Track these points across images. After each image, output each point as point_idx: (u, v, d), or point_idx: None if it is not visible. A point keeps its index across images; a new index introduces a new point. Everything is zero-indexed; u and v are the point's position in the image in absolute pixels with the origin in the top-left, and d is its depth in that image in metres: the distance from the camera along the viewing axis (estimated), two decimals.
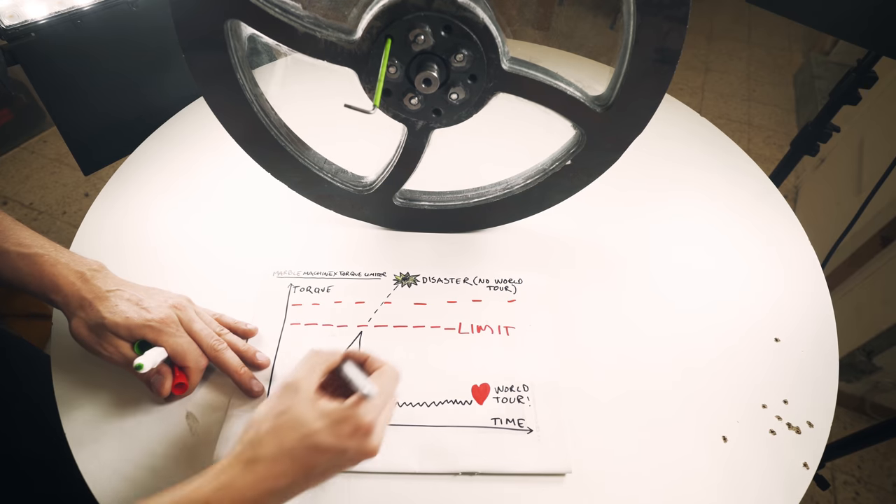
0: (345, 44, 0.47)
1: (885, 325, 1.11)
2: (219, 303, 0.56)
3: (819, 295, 0.62)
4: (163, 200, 0.69)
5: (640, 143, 0.54)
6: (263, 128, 0.56)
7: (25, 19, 0.66)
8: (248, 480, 0.35)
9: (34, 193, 1.65)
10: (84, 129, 0.79)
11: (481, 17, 0.44)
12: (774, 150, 1.96)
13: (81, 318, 0.46)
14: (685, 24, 0.44)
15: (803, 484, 0.47)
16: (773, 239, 0.68)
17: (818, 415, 0.51)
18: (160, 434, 0.47)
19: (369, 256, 0.63)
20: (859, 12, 0.73)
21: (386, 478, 0.46)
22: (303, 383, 0.39)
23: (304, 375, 0.39)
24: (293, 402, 0.38)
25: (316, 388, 0.39)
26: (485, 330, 0.56)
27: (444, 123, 0.52)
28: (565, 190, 0.61)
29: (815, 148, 0.97)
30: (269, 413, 0.38)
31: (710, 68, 2.36)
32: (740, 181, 0.76)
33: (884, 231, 1.13)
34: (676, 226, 0.70)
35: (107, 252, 0.61)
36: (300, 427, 0.36)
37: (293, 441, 0.36)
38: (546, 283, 0.61)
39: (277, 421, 0.37)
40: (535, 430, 0.48)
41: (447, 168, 0.64)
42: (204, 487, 0.35)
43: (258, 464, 0.36)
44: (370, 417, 0.38)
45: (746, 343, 0.57)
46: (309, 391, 0.38)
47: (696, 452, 0.48)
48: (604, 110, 0.51)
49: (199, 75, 0.51)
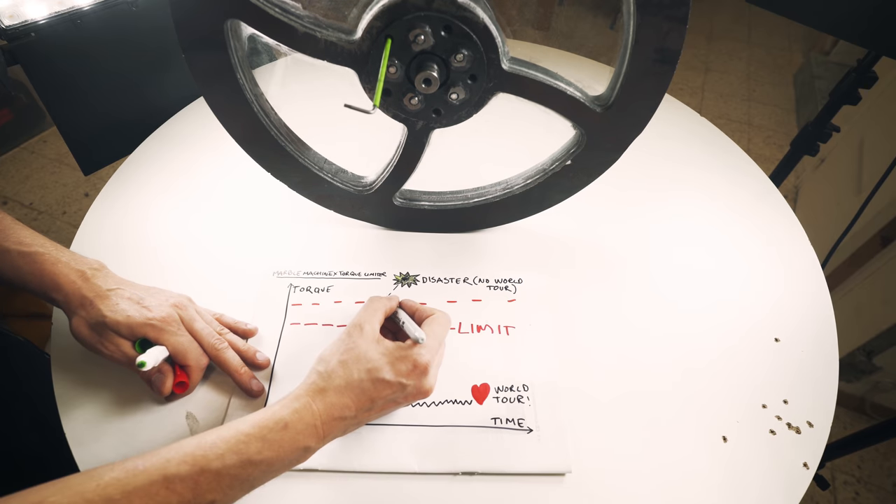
0: (345, 44, 0.47)
1: (885, 325, 1.11)
2: (219, 303, 0.56)
3: (819, 295, 0.62)
4: (163, 200, 0.69)
5: (640, 143, 0.54)
6: (263, 128, 0.56)
7: (25, 19, 0.67)
8: (320, 407, 0.39)
9: (34, 193, 1.65)
10: (84, 129, 0.79)
11: (481, 17, 0.44)
12: (774, 150, 1.96)
13: (82, 317, 0.46)
14: (685, 24, 0.44)
15: (803, 484, 0.47)
16: (773, 239, 0.68)
17: (818, 415, 0.51)
18: (160, 434, 0.47)
19: (369, 256, 0.63)
20: (859, 12, 0.73)
21: (386, 478, 0.46)
22: (366, 325, 0.44)
23: (367, 318, 0.45)
24: (359, 341, 0.42)
25: (378, 330, 0.44)
26: (485, 330, 0.56)
27: (444, 123, 0.52)
28: (565, 190, 0.61)
29: (815, 148, 0.97)
30: (338, 349, 0.42)
31: (710, 68, 2.36)
32: (740, 181, 0.76)
33: (884, 231, 1.13)
34: (676, 226, 0.70)
35: (107, 252, 0.61)
36: (365, 362, 0.41)
37: (359, 374, 0.41)
38: (546, 282, 0.61)
39: (345, 356, 0.42)
40: (535, 430, 0.48)
41: (447, 168, 0.64)
42: (281, 411, 0.39)
43: (328, 393, 0.40)
44: (426, 358, 0.42)
45: (746, 343, 0.57)
46: (373, 332, 0.43)
47: (696, 452, 0.48)
48: (604, 110, 0.51)
49: (199, 75, 0.51)
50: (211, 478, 0.34)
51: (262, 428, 0.37)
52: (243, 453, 0.36)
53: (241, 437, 0.36)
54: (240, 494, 0.37)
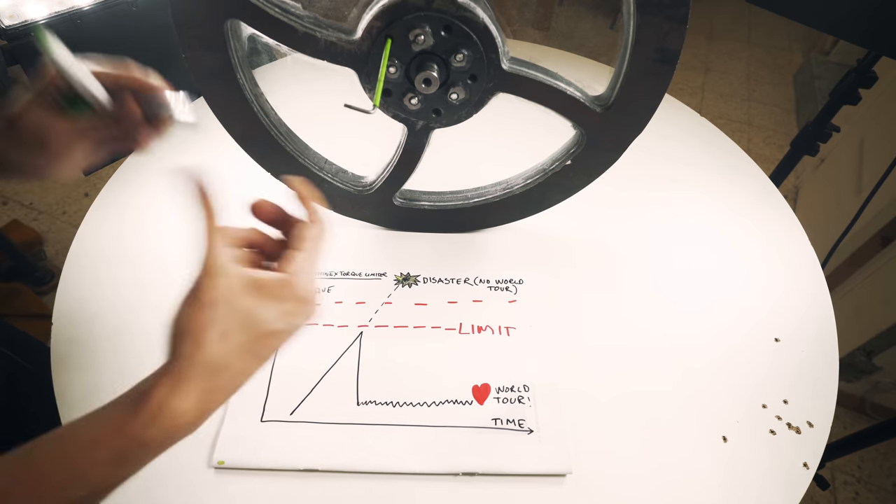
0: (345, 44, 0.47)
1: (885, 325, 1.11)
2: None
3: (819, 295, 0.62)
4: (163, 200, 0.69)
5: (640, 143, 0.54)
6: (263, 128, 0.56)
7: (25, 19, 0.67)
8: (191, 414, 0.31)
9: (34, 193, 1.65)
10: None
11: (481, 17, 0.44)
12: (774, 150, 1.96)
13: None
14: (685, 24, 0.44)
15: (803, 484, 0.47)
16: (773, 239, 0.68)
17: (818, 415, 0.51)
18: None
19: (370, 256, 0.63)
20: (859, 12, 0.73)
21: (386, 478, 0.45)
22: (228, 266, 0.32)
23: (222, 255, 0.33)
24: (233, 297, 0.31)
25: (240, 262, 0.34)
26: (485, 330, 0.56)
27: (444, 123, 0.52)
28: (565, 190, 0.61)
29: (815, 148, 0.97)
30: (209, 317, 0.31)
31: (710, 68, 2.36)
32: (740, 181, 0.76)
33: (884, 231, 1.13)
34: (676, 226, 0.70)
35: (107, 252, 0.61)
36: (250, 325, 0.32)
37: (249, 345, 0.32)
38: (546, 283, 0.61)
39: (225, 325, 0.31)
40: (535, 431, 0.48)
41: (447, 168, 0.64)
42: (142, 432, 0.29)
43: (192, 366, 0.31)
44: (309, 287, 0.34)
45: (746, 343, 0.57)
46: (239, 274, 0.32)
47: (696, 452, 0.48)
48: (604, 110, 0.51)
49: (199, 75, 0.51)
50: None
51: (115, 450, 0.29)
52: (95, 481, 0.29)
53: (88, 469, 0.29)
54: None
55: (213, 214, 0.35)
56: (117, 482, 0.30)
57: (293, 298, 0.34)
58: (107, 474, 0.29)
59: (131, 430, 0.29)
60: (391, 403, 0.50)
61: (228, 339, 0.31)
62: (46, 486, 0.28)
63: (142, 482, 0.44)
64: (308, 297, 0.34)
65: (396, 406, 0.49)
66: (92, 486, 0.29)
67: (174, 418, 0.30)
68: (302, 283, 0.34)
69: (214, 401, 0.32)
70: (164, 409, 0.30)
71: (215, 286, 0.32)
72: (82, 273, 0.60)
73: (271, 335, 0.33)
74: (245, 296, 0.32)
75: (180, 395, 0.30)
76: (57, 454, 0.29)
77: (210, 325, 0.31)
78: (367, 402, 0.50)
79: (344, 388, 0.50)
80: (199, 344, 0.31)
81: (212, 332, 0.31)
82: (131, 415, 0.30)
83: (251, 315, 0.32)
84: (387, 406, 0.49)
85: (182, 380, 0.30)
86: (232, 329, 0.31)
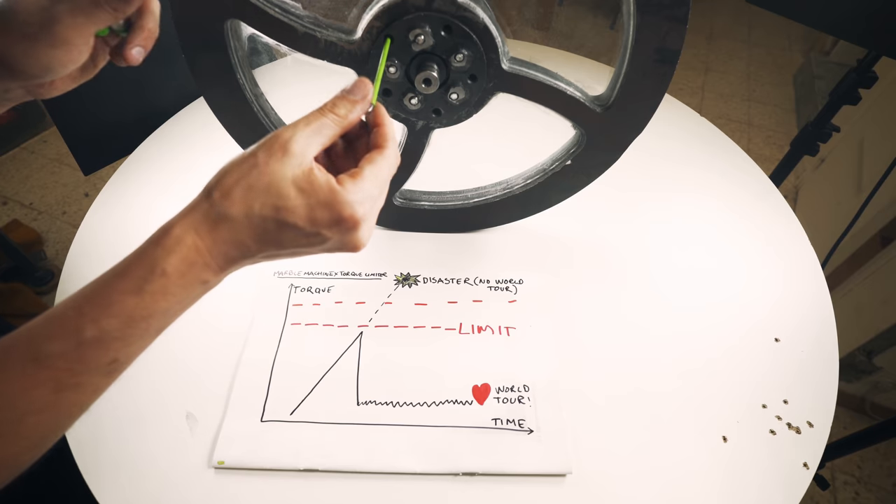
0: (345, 44, 0.47)
1: (885, 325, 1.11)
2: (219, 303, 0.56)
3: (819, 295, 0.62)
4: (163, 200, 0.69)
5: (640, 143, 0.54)
6: (263, 128, 0.56)
7: None
8: (207, 243, 0.31)
9: (34, 193, 1.65)
10: (84, 129, 0.79)
11: (481, 16, 0.44)
12: (774, 150, 1.96)
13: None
14: (685, 24, 0.44)
15: (803, 484, 0.47)
16: (773, 239, 0.68)
17: (818, 415, 0.51)
18: (160, 434, 0.47)
19: (370, 256, 0.63)
20: (859, 12, 0.73)
21: (386, 478, 0.45)
22: (295, 144, 0.32)
23: (303, 135, 0.32)
24: (274, 165, 0.31)
25: (312, 155, 0.32)
26: (485, 330, 0.56)
27: (444, 123, 0.52)
28: (565, 190, 0.61)
29: (815, 148, 0.97)
30: (246, 165, 0.32)
31: (710, 68, 2.36)
32: (740, 181, 0.76)
33: (884, 231, 1.13)
34: (676, 226, 0.70)
35: (107, 252, 0.61)
36: (274, 197, 0.31)
37: (262, 210, 0.31)
38: (547, 283, 0.61)
39: (251, 180, 0.31)
40: (535, 431, 0.48)
41: (447, 168, 0.64)
42: (156, 254, 0.31)
43: (219, 227, 0.31)
44: (358, 211, 0.32)
45: (746, 343, 0.57)
46: (301, 155, 0.32)
47: (696, 452, 0.48)
48: (604, 110, 0.51)
49: (199, 75, 0.51)
50: (94, 346, 0.29)
51: (137, 279, 0.30)
52: (123, 314, 0.30)
53: (115, 298, 0.30)
54: (141, 346, 0.32)
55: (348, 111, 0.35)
56: (137, 323, 0.30)
57: (339, 240, 0.33)
58: (132, 305, 0.30)
59: (151, 257, 0.31)
60: (391, 403, 0.50)
61: (253, 223, 0.31)
62: (84, 317, 0.29)
63: (142, 482, 0.44)
64: (356, 246, 0.34)
65: (396, 406, 0.49)
66: (120, 316, 0.29)
67: (190, 252, 0.31)
68: (357, 236, 0.33)
69: (230, 255, 0.32)
70: (182, 241, 0.31)
71: (274, 168, 0.31)
72: (82, 273, 0.60)
73: (293, 230, 0.32)
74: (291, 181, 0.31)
75: (198, 233, 0.31)
76: (89, 288, 0.30)
77: (246, 195, 0.31)
78: (367, 402, 0.50)
79: (344, 388, 0.51)
80: (230, 202, 0.31)
81: (244, 202, 0.31)
82: (153, 245, 0.31)
83: (283, 199, 0.31)
84: (387, 406, 0.49)
85: (203, 220, 0.31)
86: (260, 221, 0.31)
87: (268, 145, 0.32)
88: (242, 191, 0.31)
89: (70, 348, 0.29)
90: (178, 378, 0.51)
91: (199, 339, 0.54)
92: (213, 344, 0.54)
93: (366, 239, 0.34)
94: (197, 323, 0.56)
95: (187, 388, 0.50)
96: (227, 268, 0.33)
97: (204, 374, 0.51)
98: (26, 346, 0.28)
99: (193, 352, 0.53)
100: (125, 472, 0.45)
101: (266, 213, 0.31)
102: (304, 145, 0.32)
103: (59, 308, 0.30)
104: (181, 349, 0.53)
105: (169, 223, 0.32)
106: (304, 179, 0.31)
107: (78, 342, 0.29)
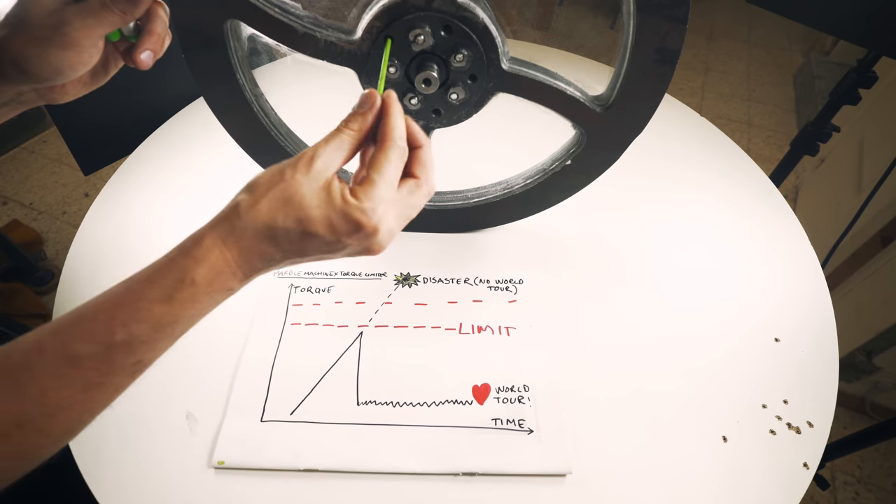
0: (345, 44, 0.47)
1: (885, 325, 1.11)
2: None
3: (819, 295, 0.62)
4: (163, 200, 0.69)
5: (639, 143, 0.54)
6: (263, 128, 0.56)
7: None
8: (233, 253, 0.33)
9: (34, 193, 1.65)
10: (84, 129, 0.79)
11: (481, 16, 0.44)
12: (774, 150, 1.96)
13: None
14: (685, 24, 0.44)
15: (803, 484, 0.47)
16: (773, 239, 0.68)
17: (818, 415, 0.51)
18: (160, 434, 0.47)
19: (370, 257, 0.63)
20: (859, 12, 0.73)
21: (386, 478, 0.46)
22: (319, 160, 0.34)
23: (326, 151, 0.34)
24: (300, 179, 0.33)
25: (335, 170, 0.35)
26: (485, 330, 0.56)
27: (444, 123, 0.52)
28: (565, 190, 0.61)
29: (815, 148, 0.97)
30: (273, 180, 0.34)
31: (710, 68, 2.36)
32: (740, 181, 0.76)
33: (884, 231, 1.13)
34: (676, 226, 0.70)
35: (107, 252, 0.61)
36: (297, 209, 0.33)
37: (285, 223, 0.33)
38: (547, 283, 0.61)
39: (277, 193, 0.33)
40: (535, 431, 0.48)
41: (447, 168, 0.64)
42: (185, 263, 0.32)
43: (244, 236, 0.33)
44: (375, 218, 0.34)
45: (746, 343, 0.57)
46: (324, 171, 0.34)
47: (696, 452, 0.48)
48: (604, 110, 0.51)
49: (199, 75, 0.51)
50: (122, 349, 0.31)
51: (167, 288, 0.32)
52: (152, 320, 0.31)
53: (145, 304, 0.31)
54: (164, 348, 0.34)
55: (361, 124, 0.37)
56: (165, 329, 0.32)
57: (358, 245, 0.35)
58: (161, 312, 0.32)
59: (181, 267, 0.32)
60: (391, 403, 0.50)
61: (277, 234, 0.33)
62: (114, 321, 0.31)
63: (142, 482, 0.44)
64: (374, 250, 0.36)
65: (396, 406, 0.49)
66: (149, 322, 0.31)
67: (218, 262, 0.33)
68: (376, 241, 0.36)
69: (255, 265, 0.34)
70: (211, 251, 0.33)
71: (300, 183, 0.33)
72: (82, 273, 0.60)
73: (314, 240, 0.34)
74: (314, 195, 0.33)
75: (226, 244, 0.33)
76: (119, 293, 0.32)
77: (271, 208, 0.33)
78: (367, 402, 0.50)
79: (344, 388, 0.51)
80: (256, 214, 0.33)
81: (269, 215, 0.33)
82: (183, 255, 0.33)
83: (305, 210, 0.33)
84: (387, 406, 0.49)
85: (231, 232, 0.33)
86: (284, 232, 0.33)
87: (294, 162, 0.34)
88: (268, 203, 0.33)
89: (100, 351, 0.30)
90: (179, 378, 0.51)
91: (200, 338, 0.54)
92: (213, 344, 0.54)
93: (385, 242, 0.36)
94: (197, 323, 0.56)
95: (187, 388, 0.50)
96: (251, 276, 0.35)
97: (204, 373, 0.51)
98: (59, 347, 0.30)
99: (194, 352, 0.53)
100: (125, 472, 0.45)
101: (289, 224, 0.33)
102: (327, 160, 0.34)
103: (90, 311, 0.31)
104: (181, 349, 0.53)
105: (199, 233, 0.34)
106: (323, 192, 0.34)
107: (107, 345, 0.30)
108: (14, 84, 0.39)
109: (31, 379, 0.29)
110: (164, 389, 0.50)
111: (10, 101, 0.41)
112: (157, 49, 0.41)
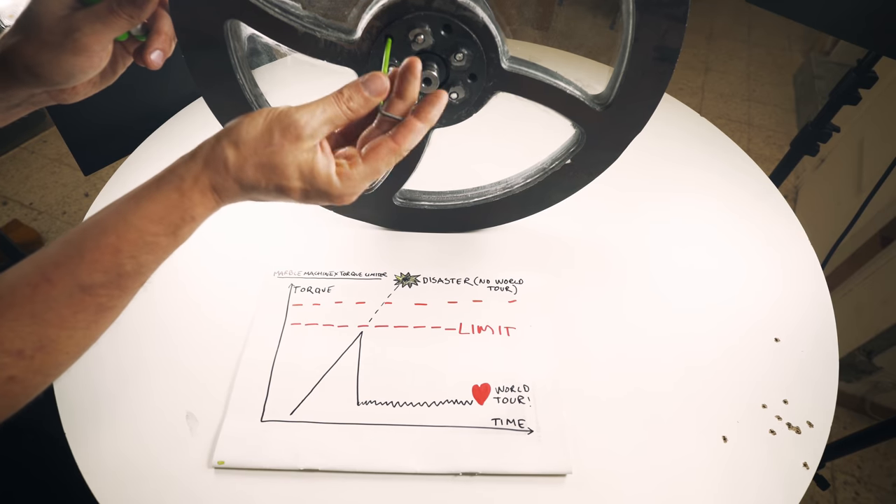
0: (345, 43, 0.47)
1: (885, 325, 1.11)
2: (219, 303, 0.56)
3: (819, 295, 0.62)
4: None
5: (639, 143, 0.54)
6: None
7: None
8: (222, 196, 0.37)
9: (34, 193, 1.65)
10: (84, 129, 0.79)
11: (481, 16, 0.44)
12: (774, 150, 1.96)
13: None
14: (684, 23, 0.44)
15: (803, 484, 0.47)
16: (773, 239, 0.68)
17: (818, 415, 0.51)
18: (160, 434, 0.47)
19: (370, 256, 0.63)
20: (859, 12, 0.73)
21: (386, 478, 0.45)
22: (306, 129, 0.36)
23: (315, 121, 0.37)
24: (286, 147, 0.36)
25: (320, 140, 0.37)
26: (485, 330, 0.56)
27: (444, 123, 0.52)
28: (565, 189, 0.61)
29: (815, 148, 0.97)
30: (262, 144, 0.36)
31: (710, 68, 2.36)
32: (740, 181, 0.76)
33: (884, 231, 1.13)
34: (676, 226, 0.70)
35: None
36: (279, 176, 0.36)
37: (267, 184, 0.37)
38: (547, 283, 0.61)
39: (263, 158, 0.36)
40: (535, 431, 0.48)
41: (447, 168, 0.64)
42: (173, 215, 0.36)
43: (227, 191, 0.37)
44: (347, 193, 0.39)
45: (746, 343, 0.57)
46: (309, 142, 0.36)
47: (696, 452, 0.48)
48: (603, 109, 0.51)
49: (199, 75, 0.51)
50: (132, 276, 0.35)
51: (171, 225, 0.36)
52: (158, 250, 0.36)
53: (151, 239, 0.35)
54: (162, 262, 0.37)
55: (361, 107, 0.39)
56: (170, 251, 0.37)
57: (330, 197, 0.39)
58: (166, 244, 0.36)
59: (182, 208, 0.36)
60: (391, 403, 0.50)
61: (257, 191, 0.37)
62: (122, 253, 0.34)
63: (142, 482, 0.44)
64: (345, 198, 0.40)
65: (396, 406, 0.49)
66: (156, 253, 0.36)
67: (211, 203, 0.37)
68: (348, 190, 0.39)
69: (234, 201, 0.38)
70: (206, 195, 0.36)
71: (287, 152, 0.36)
72: None
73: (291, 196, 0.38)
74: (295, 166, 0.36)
75: (217, 192, 0.37)
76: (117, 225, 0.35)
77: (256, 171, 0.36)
78: (367, 402, 0.50)
79: (344, 388, 0.51)
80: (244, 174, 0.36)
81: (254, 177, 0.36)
82: (183, 196, 0.36)
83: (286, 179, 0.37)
84: (387, 406, 0.49)
85: (221, 183, 0.37)
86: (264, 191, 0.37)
87: (283, 127, 0.36)
88: (254, 169, 0.36)
89: (112, 279, 0.34)
90: (178, 378, 0.51)
91: (199, 338, 0.54)
92: (213, 344, 0.54)
93: (352, 199, 0.40)
94: (197, 323, 0.56)
95: (187, 388, 0.50)
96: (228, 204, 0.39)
97: (204, 374, 0.51)
98: (72, 277, 0.33)
99: (193, 352, 0.53)
100: (125, 472, 0.45)
101: (270, 188, 0.37)
102: (315, 132, 0.37)
103: (90, 241, 0.34)
104: (181, 349, 0.53)
105: (193, 173, 0.36)
106: (308, 165, 0.37)
107: (118, 274, 0.34)
108: (27, 87, 0.40)
109: (48, 308, 0.32)
110: (164, 389, 0.50)
111: (23, 102, 0.43)
112: (167, 48, 0.43)
